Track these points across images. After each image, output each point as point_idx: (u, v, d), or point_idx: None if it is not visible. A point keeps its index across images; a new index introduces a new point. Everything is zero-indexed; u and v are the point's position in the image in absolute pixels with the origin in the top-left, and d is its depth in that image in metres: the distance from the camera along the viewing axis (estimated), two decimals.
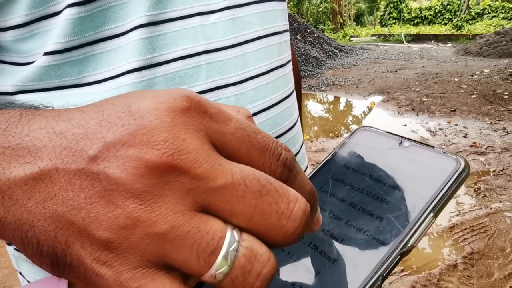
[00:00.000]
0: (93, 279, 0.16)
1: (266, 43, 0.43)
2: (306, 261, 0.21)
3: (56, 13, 0.33)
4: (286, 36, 0.48)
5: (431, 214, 0.20)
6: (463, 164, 0.22)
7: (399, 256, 0.20)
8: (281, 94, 0.45)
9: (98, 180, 0.16)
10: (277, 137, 0.44)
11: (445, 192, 0.21)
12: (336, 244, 0.21)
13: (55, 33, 0.34)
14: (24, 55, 0.35)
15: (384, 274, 0.19)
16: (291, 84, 0.49)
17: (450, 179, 0.21)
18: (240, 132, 0.17)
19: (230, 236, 0.16)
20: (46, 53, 0.34)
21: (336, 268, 0.20)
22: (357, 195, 0.23)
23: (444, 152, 0.23)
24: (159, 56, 0.36)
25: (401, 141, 0.25)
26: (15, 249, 0.44)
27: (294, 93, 0.50)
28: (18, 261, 0.44)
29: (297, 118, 0.50)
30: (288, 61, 0.48)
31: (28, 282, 0.44)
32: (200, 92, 0.38)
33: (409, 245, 0.20)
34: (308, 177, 0.25)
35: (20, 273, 0.45)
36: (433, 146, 0.24)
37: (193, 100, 0.17)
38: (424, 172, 0.22)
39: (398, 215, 0.21)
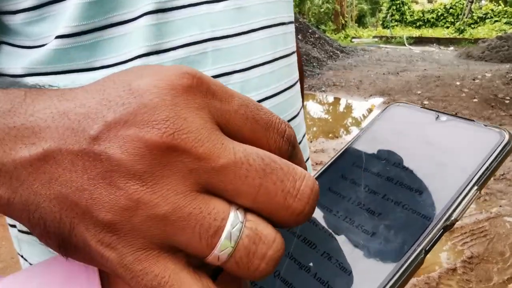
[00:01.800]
0: (98, 261, 0.16)
1: (271, 33, 0.44)
2: (343, 235, 0.20)
3: None
4: (291, 27, 0.49)
5: (475, 187, 0.20)
6: (507, 136, 0.21)
7: (442, 230, 0.19)
8: (285, 83, 0.46)
9: (100, 161, 0.15)
10: None
11: (489, 165, 0.20)
12: (374, 218, 0.20)
13: (64, 18, 0.34)
14: (34, 38, 0.36)
15: (427, 248, 0.18)
16: (295, 75, 0.50)
17: (494, 151, 0.20)
18: (243, 109, 0.17)
19: (233, 217, 0.15)
20: (57, 37, 0.34)
21: (374, 242, 0.19)
22: (393, 169, 0.22)
23: (486, 125, 0.22)
24: (167, 42, 0.36)
25: (438, 115, 0.24)
26: (19, 230, 0.44)
27: (298, 84, 0.51)
28: (20, 243, 0.45)
29: (300, 108, 0.51)
30: (293, 52, 0.49)
31: (30, 264, 0.43)
32: None
33: (452, 218, 0.19)
34: (338, 153, 0.25)
35: (22, 256, 0.45)
36: (473, 120, 0.23)
37: (195, 77, 0.17)
38: (466, 145, 0.21)
39: (440, 188, 0.20)
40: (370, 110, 4.63)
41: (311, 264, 0.20)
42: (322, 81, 6.19)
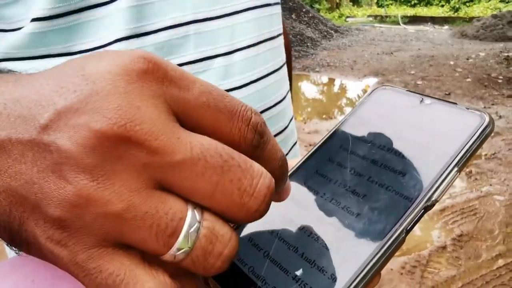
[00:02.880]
0: (50, 258, 0.15)
1: (255, 15, 0.42)
2: (328, 216, 0.21)
3: None
4: (277, 8, 0.47)
5: (455, 169, 0.20)
6: (487, 119, 0.21)
7: (423, 210, 0.20)
8: (270, 67, 0.45)
9: (49, 152, 0.14)
10: (265, 110, 0.44)
11: (470, 147, 0.21)
12: (359, 200, 0.21)
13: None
14: (9, 21, 0.35)
15: (408, 228, 0.19)
16: (282, 58, 0.48)
17: (474, 134, 0.21)
18: (205, 97, 0.16)
19: (191, 217, 0.15)
20: (33, 20, 0.33)
21: (359, 222, 0.20)
22: (377, 152, 0.23)
23: (468, 108, 0.22)
24: (147, 25, 0.35)
25: (422, 98, 0.24)
26: None
27: (285, 67, 0.50)
28: None
29: (287, 92, 0.50)
30: (279, 34, 0.48)
31: (17, 254, 0.43)
32: (189, 63, 0.38)
33: (433, 199, 0.20)
34: (326, 136, 0.25)
35: (7, 244, 0.45)
36: (455, 103, 0.23)
37: (151, 62, 0.16)
38: (448, 128, 0.22)
39: (421, 170, 0.21)
40: (364, 91, 4.62)
41: (298, 244, 0.20)
42: (316, 62, 6.14)
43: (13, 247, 0.16)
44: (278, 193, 0.20)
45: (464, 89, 4.43)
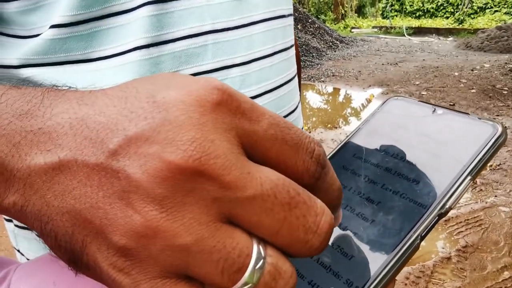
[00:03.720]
0: (109, 283, 0.15)
1: (271, 26, 0.43)
2: (343, 223, 0.21)
3: None
4: (290, 20, 0.48)
5: (469, 177, 0.21)
6: (500, 129, 0.22)
7: (437, 217, 0.20)
8: (284, 77, 0.45)
9: (117, 178, 0.14)
10: None
11: (483, 156, 0.21)
12: (373, 207, 0.21)
13: (61, 6, 0.33)
14: (28, 27, 0.35)
15: (423, 234, 0.19)
16: (294, 68, 0.49)
17: (488, 143, 0.21)
18: (273, 129, 0.16)
19: (257, 253, 0.15)
20: (52, 26, 0.34)
21: (373, 228, 0.20)
22: (391, 161, 0.23)
23: (480, 118, 0.23)
24: (166, 34, 0.36)
25: (435, 109, 0.25)
26: (15, 225, 0.43)
27: (296, 78, 0.51)
28: (17, 238, 0.44)
29: (298, 103, 0.51)
30: (292, 45, 0.48)
31: (28, 260, 0.44)
32: (207, 72, 0.38)
33: (447, 206, 0.20)
34: (340, 145, 0.25)
35: (18, 251, 0.45)
36: (468, 113, 0.24)
37: (225, 93, 0.15)
38: (461, 137, 0.22)
39: (435, 178, 0.21)
40: (369, 101, 4.63)
41: None
42: (321, 72, 6.16)
43: (72, 269, 0.16)
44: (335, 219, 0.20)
45: (468, 100, 4.42)
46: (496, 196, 2.47)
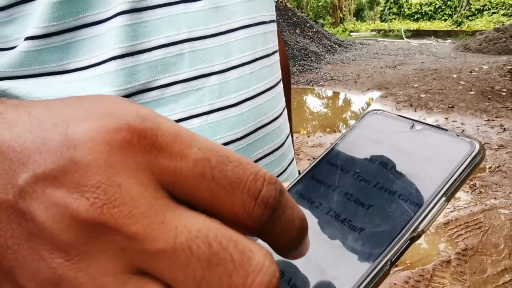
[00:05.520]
0: None
1: (250, 33, 0.42)
2: (311, 245, 0.21)
3: None
4: (273, 26, 0.48)
5: (443, 198, 0.20)
6: (477, 147, 0.21)
7: (409, 241, 0.19)
8: (265, 84, 0.45)
9: (24, 219, 0.13)
10: (261, 127, 0.44)
11: (458, 176, 0.20)
12: (343, 228, 0.20)
13: (35, 18, 0.33)
14: (4, 40, 0.35)
15: (393, 259, 0.19)
16: (277, 75, 0.49)
17: (464, 162, 0.20)
18: (201, 165, 0.14)
19: None
20: (27, 38, 0.33)
21: (344, 251, 0.20)
22: (364, 179, 0.22)
23: (458, 135, 0.22)
24: (141, 43, 0.36)
25: (413, 124, 0.24)
26: None
27: (281, 84, 0.50)
28: None
29: (283, 109, 0.50)
30: (274, 52, 0.48)
31: None
32: (184, 81, 0.38)
33: (419, 229, 0.19)
34: (315, 161, 0.25)
35: None
36: (446, 129, 0.23)
37: (136, 129, 0.14)
38: (437, 155, 0.22)
39: (408, 199, 0.20)
40: (368, 104, 4.64)
41: (285, 268, 0.20)
42: (320, 75, 6.17)
43: None
44: (297, 253, 0.17)
45: (467, 101, 4.42)
46: (495, 198, 2.46)
